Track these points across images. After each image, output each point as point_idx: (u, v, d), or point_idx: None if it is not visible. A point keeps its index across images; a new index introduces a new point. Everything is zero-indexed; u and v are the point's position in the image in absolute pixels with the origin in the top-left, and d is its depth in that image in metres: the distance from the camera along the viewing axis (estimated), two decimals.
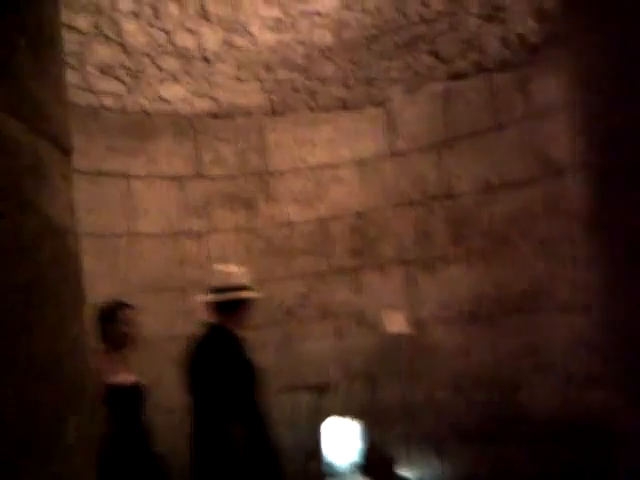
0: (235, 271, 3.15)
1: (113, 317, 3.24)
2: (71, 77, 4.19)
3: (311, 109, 4.94)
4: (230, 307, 3.04)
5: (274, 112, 4.91)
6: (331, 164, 4.94)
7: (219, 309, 3.05)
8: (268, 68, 4.74)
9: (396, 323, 4.79)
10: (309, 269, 4.86)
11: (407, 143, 4.79)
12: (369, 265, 4.88)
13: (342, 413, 4.75)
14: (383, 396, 4.77)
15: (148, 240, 4.55)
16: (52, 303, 1.10)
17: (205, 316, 3.14)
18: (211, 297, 3.08)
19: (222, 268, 3.20)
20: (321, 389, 4.77)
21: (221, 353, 2.96)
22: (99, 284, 4.29)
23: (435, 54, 4.60)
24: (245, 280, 3.12)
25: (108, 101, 4.40)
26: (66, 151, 1.27)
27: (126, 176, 4.45)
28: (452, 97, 4.63)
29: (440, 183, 4.68)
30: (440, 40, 4.54)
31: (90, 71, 4.27)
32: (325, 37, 4.66)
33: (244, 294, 3.06)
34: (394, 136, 4.84)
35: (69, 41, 4.15)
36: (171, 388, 4.38)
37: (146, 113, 4.54)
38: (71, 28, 4.13)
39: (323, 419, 4.77)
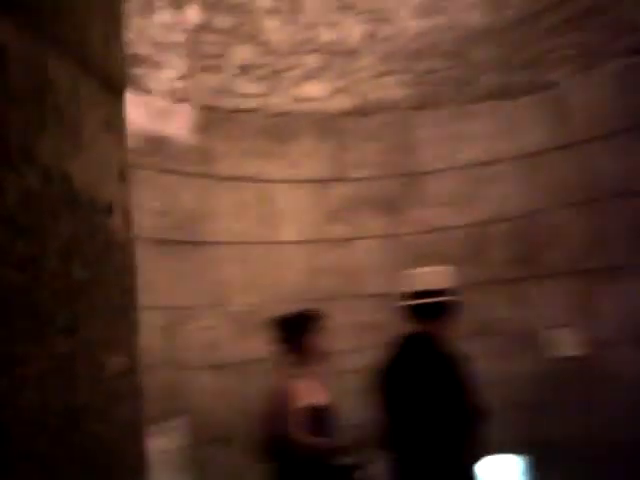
0: (439, 272, 2.79)
1: (304, 328, 2.92)
2: (210, 80, 4.08)
3: (463, 100, 4.43)
4: (432, 312, 2.66)
5: (422, 106, 4.47)
6: (487, 161, 4.38)
7: (419, 315, 2.66)
8: (415, 58, 4.32)
9: (567, 344, 4.11)
10: (462, 280, 4.32)
11: (579, 132, 4.10)
12: (534, 276, 4.24)
13: (502, 447, 4.14)
14: (551, 429, 4.08)
15: (288, 248, 4.30)
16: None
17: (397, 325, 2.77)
18: (411, 301, 2.68)
19: (423, 269, 2.83)
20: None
21: (428, 368, 2.56)
22: (238, 294, 4.11)
23: (612, 26, 3.89)
24: (450, 282, 2.73)
25: (247, 103, 4.23)
26: (115, 89, 0.93)
27: (266, 180, 4.25)
28: (634, 75, 3.89)
29: (621, 178, 3.94)
30: (618, 9, 3.84)
31: (230, 72, 4.13)
32: (479, 18, 4.15)
33: (448, 298, 2.67)
34: (563, 125, 4.17)
35: (209, 43, 4.04)
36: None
37: (286, 114, 4.32)
38: (211, 29, 4.02)
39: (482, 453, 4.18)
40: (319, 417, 2.74)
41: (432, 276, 2.75)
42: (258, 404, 3.92)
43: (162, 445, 3.59)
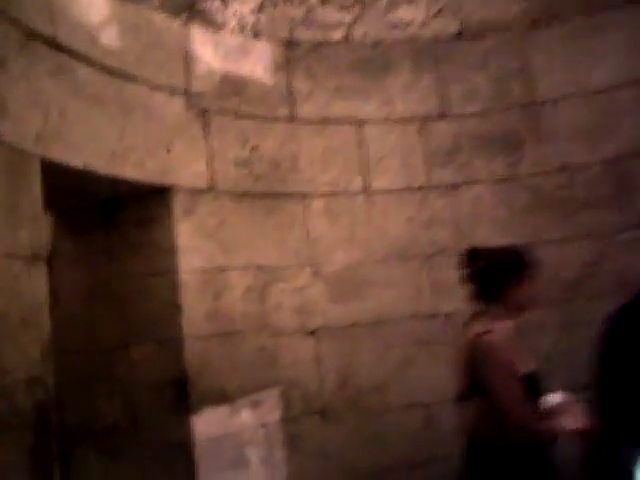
0: None
1: (513, 271, 2.29)
2: (290, 11, 3.60)
3: (589, 11, 3.66)
4: None
5: (539, 23, 3.75)
6: (627, 82, 3.61)
7: None
8: None
9: None
10: (597, 228, 3.61)
11: None
12: None
13: None
14: None
15: (387, 197, 3.77)
16: None
17: None
18: None
19: None
20: None
21: None
22: (331, 252, 3.66)
23: None
24: None
25: (333, 34, 3.71)
26: None
27: (357, 122, 3.73)
28: None
29: None
30: None
31: (312, 0, 3.62)
32: None
33: None
34: None
35: None
36: (416, 377, 3.60)
37: (378, 44, 3.76)
38: None
39: None
40: (531, 387, 2.16)
41: None
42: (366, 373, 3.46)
43: (253, 419, 3.25)
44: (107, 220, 3.24)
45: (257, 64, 3.51)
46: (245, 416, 3.22)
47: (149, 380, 3.08)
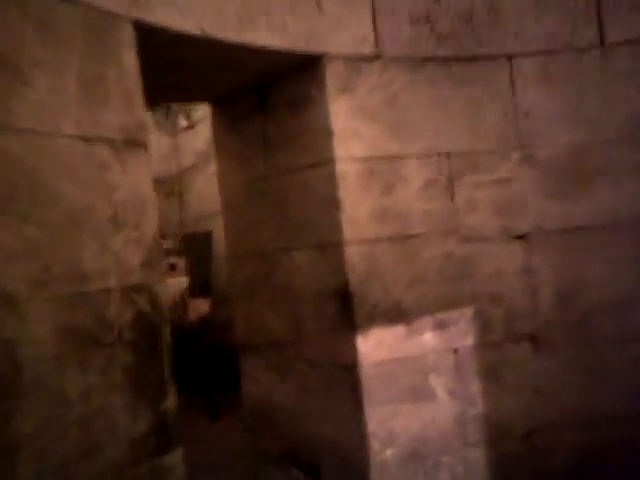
0: None
1: None
2: None
3: None
4: None
5: None
6: None
7: None
8: None
9: None
10: None
11: None
12: None
13: None
14: None
15: (630, 53, 2.71)
16: None
17: None
18: None
19: None
20: None
21: None
22: (552, 131, 2.76)
23: None
24: None
25: None
26: None
27: None
28: None
29: None
30: None
31: None
32: None
33: None
34: None
35: None
36: None
37: None
38: None
39: None
40: None
41: None
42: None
43: (439, 343, 2.64)
44: (261, 105, 2.77)
45: None
46: (428, 339, 2.61)
47: (311, 290, 2.63)
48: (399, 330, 2.56)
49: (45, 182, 1.60)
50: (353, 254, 2.49)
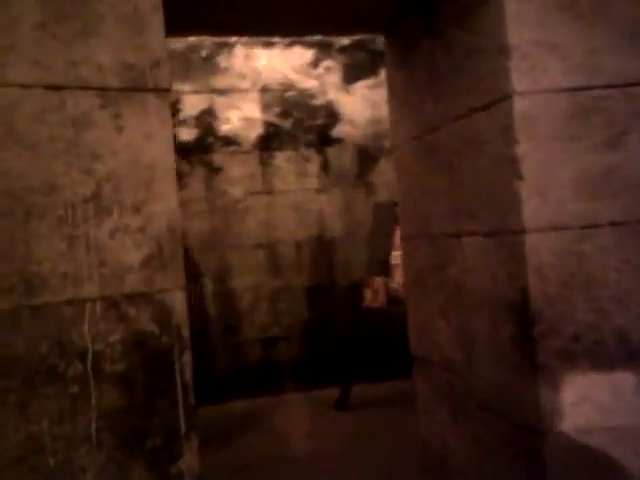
0: None
1: None
2: None
3: None
4: None
5: None
6: None
7: None
8: None
9: None
10: None
11: None
12: None
13: None
14: None
15: None
16: None
17: None
18: None
19: None
20: None
21: None
22: None
23: None
24: None
25: None
26: None
27: None
28: None
29: None
30: None
31: None
32: None
33: None
34: None
35: None
36: None
37: None
38: None
39: None
40: None
41: None
42: None
43: None
44: (429, 27, 1.90)
45: None
46: None
47: (485, 298, 1.73)
48: (624, 379, 1.51)
49: None
50: (540, 249, 1.51)
